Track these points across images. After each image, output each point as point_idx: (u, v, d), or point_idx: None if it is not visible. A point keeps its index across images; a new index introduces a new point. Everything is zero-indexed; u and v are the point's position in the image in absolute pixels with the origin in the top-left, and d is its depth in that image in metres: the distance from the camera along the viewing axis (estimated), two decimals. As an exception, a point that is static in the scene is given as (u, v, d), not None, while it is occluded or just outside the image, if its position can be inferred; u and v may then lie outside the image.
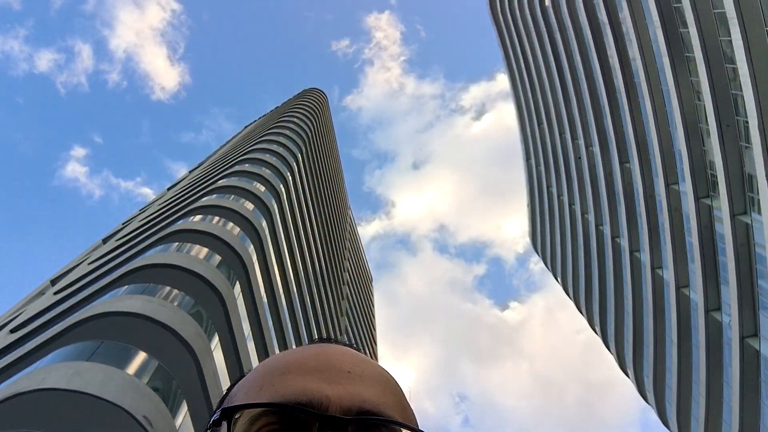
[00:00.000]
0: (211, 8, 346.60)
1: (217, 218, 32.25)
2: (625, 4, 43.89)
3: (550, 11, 58.85)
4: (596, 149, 56.96)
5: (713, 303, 41.31)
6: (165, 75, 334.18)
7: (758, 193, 34.77)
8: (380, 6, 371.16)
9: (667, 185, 45.73)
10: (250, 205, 35.88)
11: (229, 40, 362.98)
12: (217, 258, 28.22)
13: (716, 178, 39.27)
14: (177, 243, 27.66)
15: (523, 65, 75.00)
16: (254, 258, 32.31)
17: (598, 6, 47.94)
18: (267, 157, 46.55)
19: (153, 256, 26.12)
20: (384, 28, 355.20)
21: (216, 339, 24.89)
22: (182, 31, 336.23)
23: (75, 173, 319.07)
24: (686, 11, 37.10)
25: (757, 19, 32.17)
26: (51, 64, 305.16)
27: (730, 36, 34.14)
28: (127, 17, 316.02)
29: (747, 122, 34.79)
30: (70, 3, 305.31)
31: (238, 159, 46.90)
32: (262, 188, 39.94)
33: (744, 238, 37.33)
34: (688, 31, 38.09)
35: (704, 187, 41.59)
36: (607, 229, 57.78)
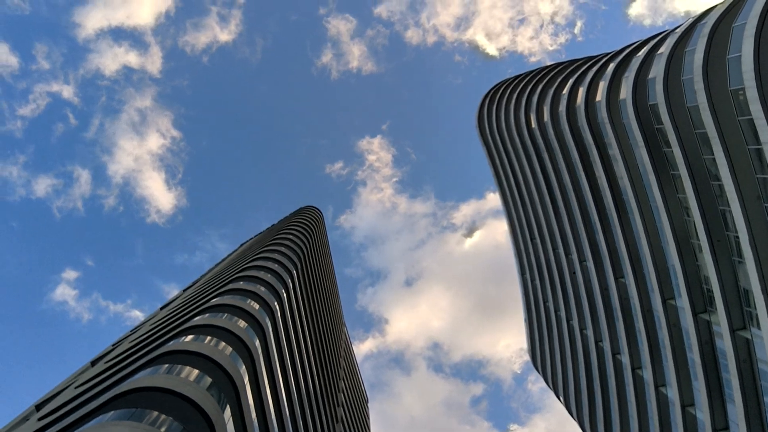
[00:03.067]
0: (211, 134, 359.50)
1: (209, 338, 31.59)
2: (609, 127, 45.68)
3: (537, 132, 61.13)
4: (590, 264, 57.17)
5: (720, 422, 39.88)
6: (161, 198, 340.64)
7: (756, 308, 34.54)
8: (372, 131, 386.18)
9: (663, 300, 45.50)
10: (243, 324, 35.29)
11: (227, 164, 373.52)
12: (208, 380, 27.36)
13: (712, 293, 39.16)
14: (167, 365, 26.91)
15: (513, 183, 76.87)
16: (246, 379, 31.35)
17: (584, 128, 49.87)
18: (262, 274, 46.43)
19: (141, 379, 25.30)
20: (376, 151, 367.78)
21: (203, 468, 23.57)
22: (181, 156, 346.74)
23: (64, 296, 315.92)
24: (669, 132, 38.59)
25: (738, 138, 33.42)
26: (49, 189, 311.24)
27: (713, 154, 35.31)
28: (127, 144, 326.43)
29: (737, 237, 35.21)
30: (72, 130, 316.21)
31: (233, 277, 46.74)
32: (256, 306, 39.48)
33: (745, 354, 36.65)
34: (672, 151, 39.43)
35: (701, 302, 41.38)
36: (606, 346, 56.79)
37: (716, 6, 36.93)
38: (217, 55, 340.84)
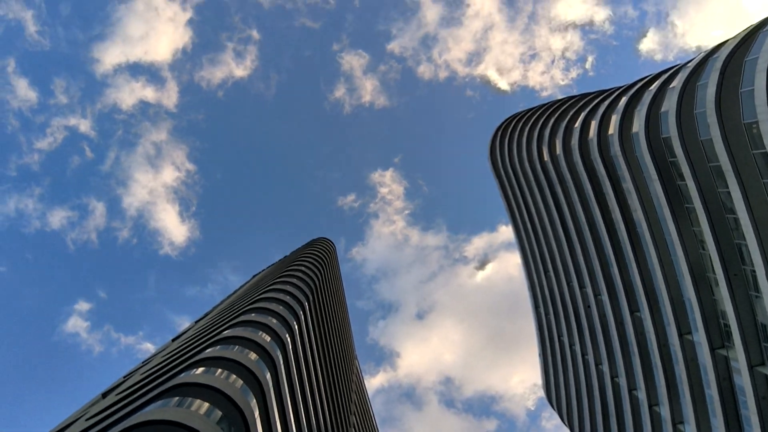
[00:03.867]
0: (225, 167, 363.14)
1: (220, 370, 31.43)
2: (622, 160, 45.61)
3: (550, 165, 61.15)
4: (605, 298, 56.54)
5: (742, 462, 38.85)
6: (175, 231, 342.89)
7: (775, 344, 33.92)
8: (384, 164, 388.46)
9: (680, 335, 44.79)
10: (254, 356, 35.11)
11: (240, 196, 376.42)
12: (218, 413, 27.15)
13: (730, 328, 38.53)
14: (178, 397, 26.76)
15: (525, 215, 76.66)
16: (256, 413, 31.07)
17: (597, 161, 49.83)
18: (274, 306, 46.34)
19: (151, 412, 25.15)
20: (388, 183, 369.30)
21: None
22: (195, 189, 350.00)
23: (76, 328, 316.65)
24: (682, 165, 38.46)
25: (752, 171, 33.23)
26: (63, 221, 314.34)
27: (727, 187, 35.09)
28: (142, 177, 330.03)
29: (754, 271, 34.75)
30: (88, 163, 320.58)
31: (245, 308, 46.69)
32: (268, 338, 39.31)
33: (765, 391, 35.86)
34: (686, 184, 39.24)
35: (718, 337, 40.69)
36: (623, 381, 55.81)
37: (728, 41, 37.11)
38: (233, 90, 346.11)
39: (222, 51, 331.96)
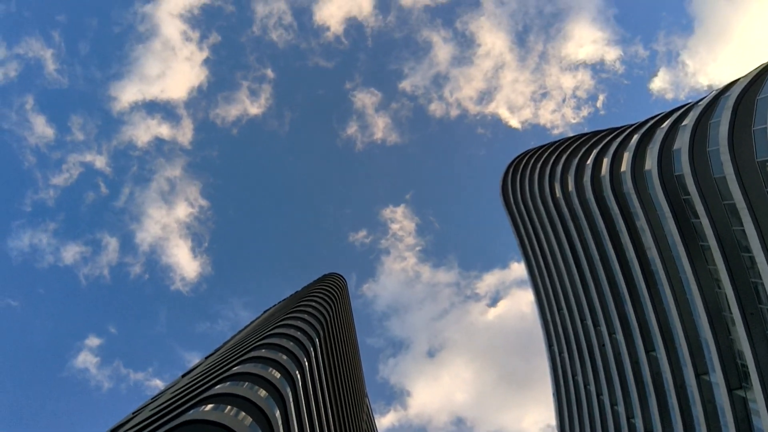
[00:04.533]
0: (238, 203, 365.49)
1: (229, 407, 31.16)
2: (635, 197, 45.47)
3: (562, 202, 61.05)
4: (620, 337, 55.75)
5: None
6: (187, 266, 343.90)
7: (795, 386, 33.17)
8: (396, 200, 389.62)
9: (697, 375, 43.95)
10: (263, 393, 34.81)
11: (252, 232, 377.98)
12: (226, 451, 26.80)
13: (747, 368, 37.76)
14: (186, 434, 26.47)
15: (538, 252, 76.24)
16: (265, 451, 30.65)
17: (609, 198, 49.71)
18: (284, 342, 46.08)
19: (159, 449, 24.88)
20: (400, 220, 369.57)
21: None
22: (208, 225, 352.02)
23: (86, 363, 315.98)
24: (696, 203, 38.26)
25: (767, 209, 32.97)
26: (77, 256, 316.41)
27: (742, 225, 34.80)
28: (155, 212, 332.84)
29: (772, 311, 34.21)
30: (102, 199, 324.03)
31: (255, 344, 46.46)
32: (278, 375, 39.01)
33: (787, 435, 34.94)
34: (701, 222, 38.97)
35: (736, 377, 39.87)
36: (639, 423, 54.61)
37: (739, 79, 37.24)
38: (247, 127, 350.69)
39: (237, 89, 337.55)
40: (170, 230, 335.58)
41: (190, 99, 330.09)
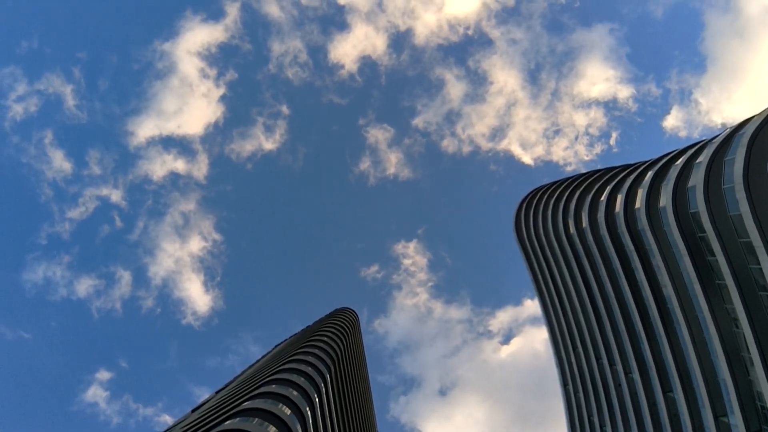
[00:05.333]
0: (251, 237, 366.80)
1: (238, 444, 30.79)
2: (650, 234, 45.12)
3: (576, 238, 60.68)
4: (636, 376, 54.72)
5: None
6: (199, 300, 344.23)
7: (818, 430, 32.26)
8: (408, 235, 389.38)
9: (715, 417, 42.89)
10: (273, 430, 34.43)
11: (265, 266, 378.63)
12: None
13: (767, 410, 36.86)
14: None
15: (552, 289, 75.54)
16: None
17: (624, 235, 49.37)
18: (295, 377, 45.70)
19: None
20: (412, 255, 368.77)
21: None
22: (221, 259, 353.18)
23: (96, 398, 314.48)
24: (712, 240, 37.88)
25: (784, 249, 32.54)
26: (90, 289, 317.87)
27: (759, 264, 34.34)
28: (169, 246, 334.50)
29: (792, 352, 33.51)
30: (117, 232, 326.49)
31: (265, 379, 46.09)
32: (288, 411, 38.61)
33: (811, 481, 33.85)
34: (717, 260, 38.51)
35: (756, 419, 38.87)
36: (656, 466, 53.20)
37: (753, 117, 37.19)
38: (261, 162, 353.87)
39: (252, 125, 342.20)
40: (183, 264, 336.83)
41: (206, 134, 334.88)
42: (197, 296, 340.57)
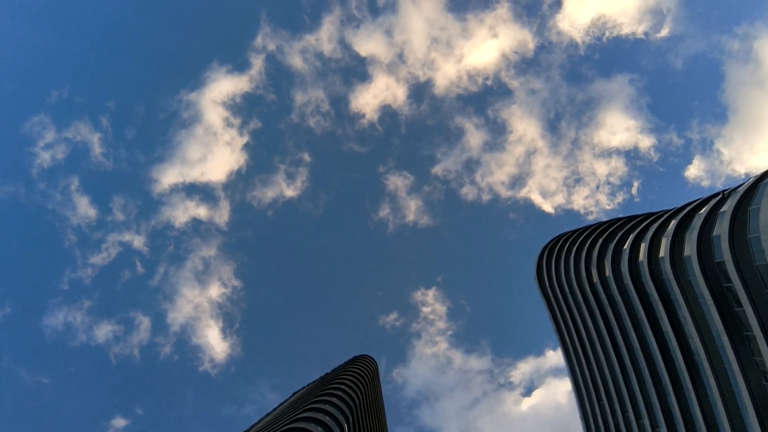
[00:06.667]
0: (270, 284, 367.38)
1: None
2: (675, 284, 44.35)
3: (599, 287, 59.80)
4: (663, 431, 53.00)
5: None
6: (217, 347, 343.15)
7: None
8: (427, 283, 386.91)
9: (748, 476, 41.20)
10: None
11: (283, 313, 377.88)
12: None
13: (804, 470, 35.35)
14: None
15: (575, 338, 74.13)
16: None
17: (648, 284, 48.58)
18: (312, 426, 44.99)
19: None
20: (431, 303, 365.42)
21: None
22: (240, 305, 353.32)
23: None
24: (739, 291, 37.10)
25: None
26: (109, 335, 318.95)
27: (788, 316, 33.48)
28: (188, 292, 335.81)
29: (826, 408, 32.30)
30: (138, 278, 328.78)
31: (283, 428, 45.45)
32: (304, 461, 37.87)
33: None
34: (744, 311, 37.65)
35: (792, 480, 37.27)
36: None
37: (778, 165, 36.84)
38: (282, 209, 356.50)
39: (274, 172, 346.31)
40: (202, 310, 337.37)
41: (229, 181, 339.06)
42: (215, 343, 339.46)
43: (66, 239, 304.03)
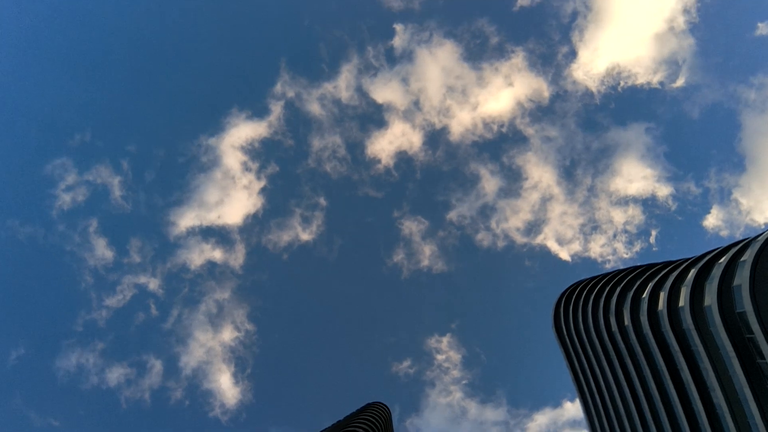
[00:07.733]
0: (283, 328, 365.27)
1: None
2: (695, 334, 43.85)
3: (618, 336, 59.09)
4: (685, 486, 51.53)
5: None
6: (228, 393, 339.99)
7: None
8: (441, 329, 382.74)
9: None
10: None
11: (296, 357, 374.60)
12: None
13: None
14: None
15: (594, 389, 72.86)
16: None
17: (668, 334, 48.02)
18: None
19: None
20: (445, 350, 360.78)
21: None
22: (252, 350, 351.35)
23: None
24: (761, 342, 36.64)
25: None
26: (121, 378, 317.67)
27: (813, 369, 32.95)
28: (201, 335, 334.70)
29: None
30: (152, 321, 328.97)
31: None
32: None
33: None
34: (767, 362, 37.09)
35: None
36: None
37: (798, 216, 36.82)
38: (297, 253, 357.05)
39: (290, 216, 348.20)
40: (214, 354, 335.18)
41: (245, 225, 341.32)
42: (226, 388, 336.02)
43: (82, 280, 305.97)
